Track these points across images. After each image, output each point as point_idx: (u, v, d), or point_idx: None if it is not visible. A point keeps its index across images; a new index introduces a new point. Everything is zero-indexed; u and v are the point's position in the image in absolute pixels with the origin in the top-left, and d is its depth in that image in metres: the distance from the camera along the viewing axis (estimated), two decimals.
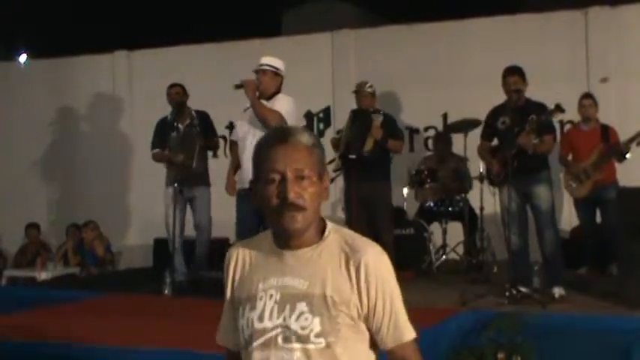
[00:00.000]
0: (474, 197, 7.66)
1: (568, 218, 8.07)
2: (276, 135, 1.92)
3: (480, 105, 7.25)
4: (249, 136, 6.05)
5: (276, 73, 6.27)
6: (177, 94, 7.56)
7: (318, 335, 1.82)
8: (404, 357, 1.93)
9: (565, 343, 4.78)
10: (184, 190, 7.31)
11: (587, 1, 8.96)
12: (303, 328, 1.83)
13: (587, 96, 7.42)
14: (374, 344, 1.93)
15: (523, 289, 5.82)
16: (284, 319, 1.85)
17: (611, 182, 7.07)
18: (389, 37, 9.77)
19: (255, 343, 1.88)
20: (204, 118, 7.64)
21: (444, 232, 7.91)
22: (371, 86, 7.36)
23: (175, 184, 7.21)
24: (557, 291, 6.01)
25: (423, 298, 5.92)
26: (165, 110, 7.68)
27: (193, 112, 7.57)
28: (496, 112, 6.45)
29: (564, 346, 4.76)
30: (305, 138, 1.90)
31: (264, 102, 6.12)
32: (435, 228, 8.02)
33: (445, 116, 9.06)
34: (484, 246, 7.63)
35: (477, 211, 7.55)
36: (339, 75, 9.66)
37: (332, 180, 6.96)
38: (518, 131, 6.04)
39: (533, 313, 5.14)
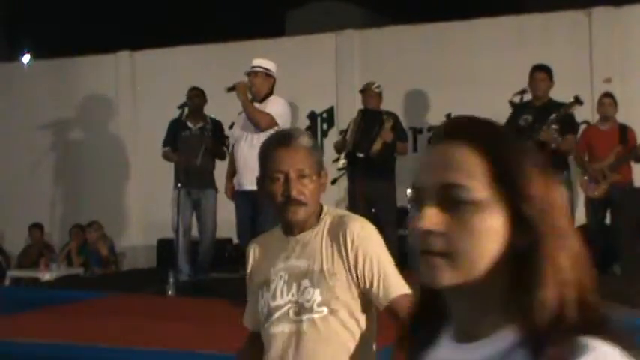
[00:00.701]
0: None
1: (575, 218, 8.04)
2: (280, 138, 2.22)
3: (484, 105, 7.24)
4: (242, 139, 6.09)
5: (267, 75, 6.26)
6: (197, 97, 7.63)
7: (320, 304, 2.12)
8: (397, 312, 2.09)
9: None
10: (192, 192, 7.34)
11: (591, 1, 8.95)
12: (307, 301, 2.13)
13: (607, 95, 7.28)
14: (373, 308, 2.17)
15: None
16: (292, 295, 2.16)
17: (627, 183, 6.96)
18: (393, 37, 9.75)
19: (271, 319, 2.19)
20: (217, 125, 7.72)
21: None
22: (378, 86, 7.36)
23: (179, 185, 7.22)
24: None
25: None
26: (169, 111, 7.70)
27: (208, 118, 7.65)
28: (519, 110, 6.41)
29: None
30: (305, 141, 2.20)
31: (256, 104, 6.13)
32: None
33: (449, 117, 9.03)
34: None
35: None
36: (342, 75, 9.64)
37: (336, 180, 6.97)
38: (539, 128, 6.02)
39: None
